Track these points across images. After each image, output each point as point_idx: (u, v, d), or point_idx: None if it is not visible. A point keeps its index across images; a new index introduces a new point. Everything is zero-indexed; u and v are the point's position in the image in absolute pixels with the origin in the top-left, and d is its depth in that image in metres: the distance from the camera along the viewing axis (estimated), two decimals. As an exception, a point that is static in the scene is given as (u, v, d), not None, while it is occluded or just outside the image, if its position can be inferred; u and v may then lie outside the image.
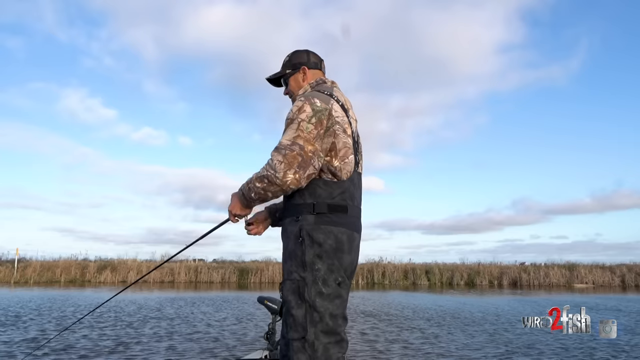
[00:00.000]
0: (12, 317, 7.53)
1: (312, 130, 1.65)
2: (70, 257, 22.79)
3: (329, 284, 1.63)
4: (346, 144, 1.73)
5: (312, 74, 1.96)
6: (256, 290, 18.22)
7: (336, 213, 1.68)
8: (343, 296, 1.67)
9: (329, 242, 1.65)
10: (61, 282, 20.43)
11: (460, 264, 25.73)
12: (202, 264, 24.09)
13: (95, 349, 5.03)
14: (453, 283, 22.67)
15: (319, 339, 1.60)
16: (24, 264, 21.21)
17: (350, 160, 1.74)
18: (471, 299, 13.55)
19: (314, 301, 1.61)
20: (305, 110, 1.67)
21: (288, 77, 1.99)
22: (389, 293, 16.42)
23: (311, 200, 1.69)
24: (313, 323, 1.60)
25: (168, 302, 11.09)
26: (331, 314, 1.62)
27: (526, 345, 5.51)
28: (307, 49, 2.02)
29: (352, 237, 1.71)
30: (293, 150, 1.62)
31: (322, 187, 1.70)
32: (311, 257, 1.64)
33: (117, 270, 21.48)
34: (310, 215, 1.68)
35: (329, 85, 1.90)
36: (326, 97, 1.75)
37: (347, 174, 1.72)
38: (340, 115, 1.74)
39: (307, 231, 1.66)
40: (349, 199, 1.73)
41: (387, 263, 24.56)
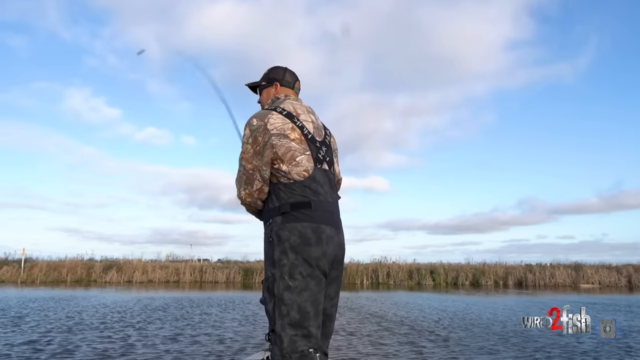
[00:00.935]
0: (16, 318, 7.59)
1: (249, 150, 1.87)
2: (76, 257, 22.96)
3: (295, 277, 1.71)
4: (290, 147, 1.84)
5: (282, 90, 2.12)
6: (261, 290, 18.20)
7: (299, 210, 1.79)
8: (312, 289, 1.73)
9: (293, 238, 1.74)
10: (67, 281, 20.56)
11: (465, 264, 25.65)
12: (207, 264, 24.15)
13: (96, 348, 5.06)
14: (458, 283, 22.59)
15: (284, 331, 1.68)
16: (30, 263, 21.35)
17: (300, 161, 1.84)
18: (478, 299, 13.50)
19: (282, 295, 1.71)
20: (246, 133, 1.90)
21: (262, 89, 2.18)
22: (394, 293, 16.39)
23: (277, 203, 1.84)
24: (280, 316, 1.70)
25: (172, 302, 11.13)
26: (299, 306, 1.69)
27: (542, 348, 5.48)
28: (286, 67, 2.18)
29: (319, 229, 1.78)
30: (239, 171, 1.93)
31: (283, 190, 1.83)
32: (278, 255, 1.76)
33: (122, 270, 21.57)
34: (278, 216, 1.81)
35: (282, 99, 2.05)
36: (264, 113, 1.91)
37: (303, 173, 1.84)
38: (279, 125, 1.87)
39: (275, 231, 1.80)
40: (312, 195, 1.82)
41: (391, 263, 24.51)
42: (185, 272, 22.28)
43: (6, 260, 22.10)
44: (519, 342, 5.85)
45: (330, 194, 1.91)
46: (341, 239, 1.91)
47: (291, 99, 2.06)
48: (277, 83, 2.13)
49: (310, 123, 1.98)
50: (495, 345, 5.65)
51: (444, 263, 25.36)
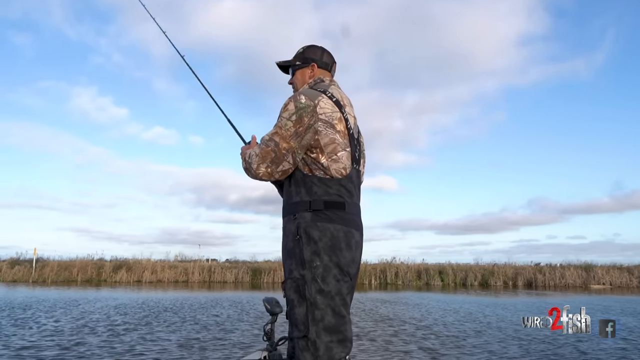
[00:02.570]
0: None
1: (289, 128, 1.69)
2: (87, 257, 23.17)
3: (328, 281, 1.62)
4: (334, 140, 1.71)
5: (319, 72, 1.95)
6: (269, 290, 18.30)
7: (332, 210, 1.68)
8: (343, 293, 1.65)
9: (325, 240, 1.64)
10: (78, 281, 20.75)
11: (474, 264, 25.53)
12: (215, 264, 24.26)
13: (96, 347, 5.12)
14: (467, 284, 22.49)
15: (320, 338, 1.58)
16: (41, 263, 21.59)
17: (340, 157, 1.72)
18: (488, 300, 13.43)
19: (315, 299, 1.60)
20: (289, 108, 1.71)
21: (296, 69, 1.99)
22: (402, 294, 16.36)
23: (308, 197, 1.70)
24: (315, 321, 1.59)
25: (179, 302, 11.20)
26: (333, 311, 1.61)
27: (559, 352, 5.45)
28: (324, 48, 2.00)
29: (350, 234, 1.69)
30: (268, 146, 1.72)
31: (318, 185, 1.70)
32: (309, 255, 1.64)
33: (132, 270, 21.74)
34: (307, 212, 1.68)
35: (326, 83, 1.89)
36: (315, 93, 1.75)
37: (341, 170, 1.71)
38: (329, 111, 1.72)
39: (304, 229, 1.66)
40: (347, 195, 1.71)
41: (400, 263, 24.47)
42: (194, 272, 22.40)
43: (18, 260, 22.36)
44: (544, 348, 5.81)
45: (358, 196, 1.83)
46: (362, 244, 1.82)
47: (336, 86, 1.91)
48: (314, 64, 1.95)
49: (352, 117, 1.86)
50: (510, 348, 5.62)
51: (452, 263, 25.30)
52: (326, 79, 1.93)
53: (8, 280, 20.23)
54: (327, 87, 1.85)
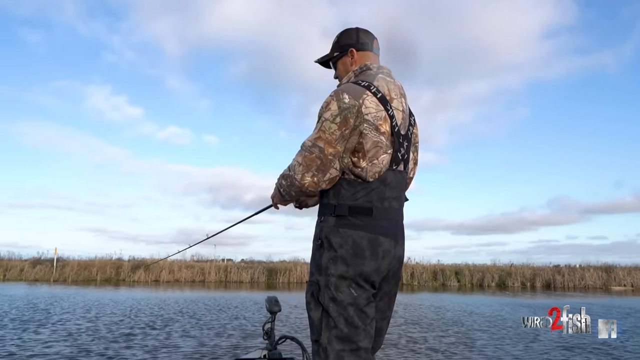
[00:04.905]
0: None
1: (334, 131, 1.56)
2: (105, 256, 23.55)
3: (342, 290, 1.55)
4: (377, 143, 1.60)
5: (360, 56, 1.80)
6: (285, 290, 18.37)
7: (358, 216, 1.59)
8: (360, 304, 1.56)
9: (346, 247, 1.56)
10: (97, 280, 21.10)
11: (491, 265, 25.27)
12: (232, 264, 24.44)
13: (99, 344, 5.21)
14: (484, 284, 22.28)
15: (331, 345, 1.54)
16: (62, 263, 22.01)
17: (380, 161, 1.61)
18: (507, 300, 13.29)
19: (328, 306, 1.56)
20: (331, 109, 1.58)
21: (336, 60, 1.86)
22: (419, 295, 16.29)
23: (334, 201, 1.62)
24: (328, 328, 1.56)
25: (191, 301, 11.32)
26: (346, 320, 1.54)
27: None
28: (358, 27, 1.85)
29: (376, 241, 1.58)
30: (312, 152, 1.58)
31: (346, 188, 1.61)
32: (326, 261, 1.59)
33: (150, 269, 22.01)
34: (331, 217, 1.61)
35: (373, 72, 1.74)
36: (359, 90, 1.61)
37: (375, 174, 1.60)
38: (373, 111, 1.59)
39: (325, 234, 1.61)
40: (377, 200, 1.61)
41: (415, 264, 24.36)
42: (210, 272, 22.60)
43: (39, 259, 22.83)
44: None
45: (398, 200, 1.69)
46: (399, 252, 1.69)
47: (384, 74, 1.74)
48: (352, 49, 1.80)
49: (400, 112, 1.69)
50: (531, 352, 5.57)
51: (469, 264, 25.12)
52: (373, 65, 1.77)
53: (30, 280, 20.66)
54: (373, 78, 1.69)
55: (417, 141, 1.91)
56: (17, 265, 21.74)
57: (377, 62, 1.83)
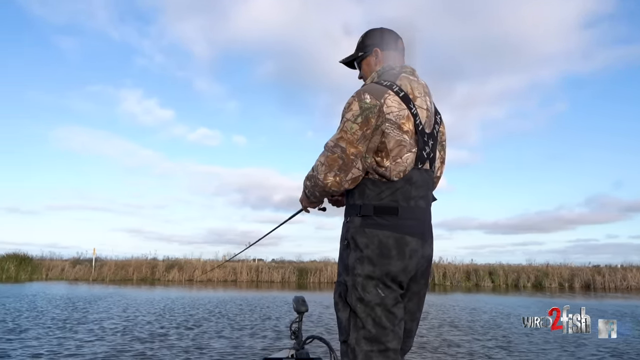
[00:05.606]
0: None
1: (356, 131, 1.57)
2: (141, 256, 24.21)
3: (369, 291, 1.55)
4: (401, 142, 1.60)
5: (385, 56, 1.81)
6: (315, 290, 18.41)
7: (383, 215, 1.59)
8: (387, 304, 1.56)
9: (372, 247, 1.57)
10: (133, 280, 21.70)
11: (526, 265, 24.63)
12: (262, 264, 24.69)
13: (121, 340, 5.32)
14: (519, 285, 21.70)
15: (359, 345, 1.55)
16: (100, 263, 22.76)
17: (404, 160, 1.61)
18: (545, 301, 12.90)
19: (355, 306, 1.56)
20: (352, 109, 1.60)
21: (360, 61, 1.88)
22: (452, 295, 16.02)
23: (359, 201, 1.64)
24: (356, 328, 1.56)
25: (224, 301, 11.47)
26: (373, 321, 1.54)
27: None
28: (382, 27, 1.86)
29: (402, 241, 1.58)
30: (334, 152, 1.61)
31: (370, 188, 1.63)
32: (352, 262, 1.60)
33: (183, 269, 22.49)
34: (357, 217, 1.63)
35: (396, 71, 1.74)
36: (380, 90, 1.61)
37: (400, 173, 1.60)
38: (396, 110, 1.59)
39: (351, 234, 1.63)
40: (402, 199, 1.61)
41: (447, 264, 23.98)
42: (242, 271, 22.88)
43: (79, 259, 23.69)
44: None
45: (424, 199, 1.68)
46: (427, 251, 1.68)
47: (407, 73, 1.74)
48: (376, 49, 1.81)
49: (424, 110, 1.68)
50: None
51: (503, 264, 24.51)
52: (396, 65, 1.77)
53: (70, 279, 21.43)
54: (395, 77, 1.70)
55: (444, 139, 1.88)
56: (58, 265, 22.59)
57: (401, 62, 1.84)
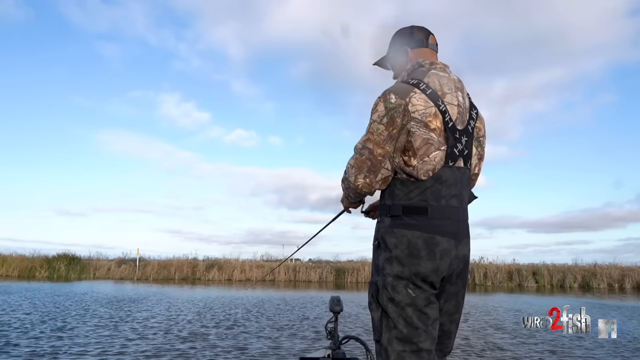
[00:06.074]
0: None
1: (382, 132, 1.58)
2: (182, 256, 24.87)
3: (399, 291, 1.54)
4: (428, 140, 1.57)
5: (415, 54, 1.78)
6: (353, 290, 18.35)
7: (412, 215, 1.58)
8: (419, 304, 1.54)
9: (401, 247, 1.56)
10: (175, 279, 22.33)
11: (572, 264, 23.68)
12: (300, 264, 24.84)
13: (161, 342, 5.43)
14: (565, 286, 20.88)
15: (392, 345, 1.54)
16: (144, 262, 23.54)
17: (432, 158, 1.58)
18: (595, 302, 12.36)
19: (386, 306, 1.57)
20: (378, 110, 1.59)
21: (392, 61, 1.88)
22: (493, 296, 15.59)
23: (389, 201, 1.64)
24: (388, 328, 1.56)
25: (262, 300, 11.59)
26: (405, 321, 1.53)
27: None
28: (412, 25, 1.83)
29: (432, 241, 1.56)
30: (362, 154, 1.62)
31: (399, 188, 1.62)
32: (382, 262, 1.60)
33: (223, 269, 22.95)
34: (387, 217, 1.63)
35: (425, 68, 1.71)
36: (406, 89, 1.60)
37: (428, 172, 1.58)
38: (421, 108, 1.57)
39: (381, 234, 1.63)
40: (432, 199, 1.58)
41: (488, 264, 23.37)
42: (279, 271, 23.11)
43: (124, 259, 24.59)
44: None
45: (458, 197, 1.64)
46: (462, 251, 1.64)
47: (437, 69, 1.71)
48: (406, 48, 1.80)
49: (455, 107, 1.65)
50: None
51: (548, 264, 23.70)
52: (425, 62, 1.74)
53: (116, 278, 22.28)
54: (424, 74, 1.67)
55: (482, 135, 1.84)
56: (104, 265, 23.54)
57: (433, 58, 1.80)
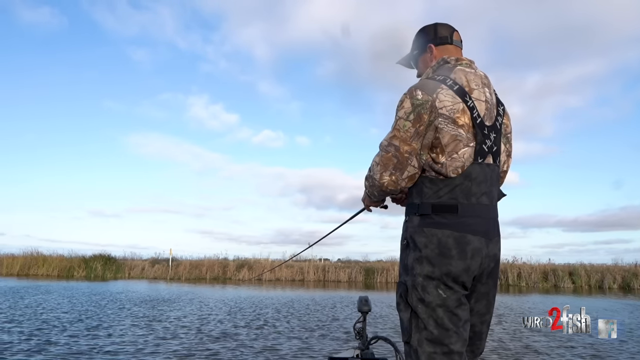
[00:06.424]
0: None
1: (409, 129, 1.56)
2: (213, 256, 25.30)
3: (429, 291, 1.51)
4: (456, 136, 1.54)
5: (440, 51, 1.77)
6: (383, 290, 18.22)
7: (442, 214, 1.55)
8: (449, 305, 1.51)
9: (431, 247, 1.53)
10: (207, 279, 22.70)
11: (612, 265, 22.79)
12: (329, 264, 24.84)
13: (191, 340, 5.48)
14: (604, 286, 20.14)
15: (422, 347, 1.52)
16: (176, 262, 24.04)
17: (461, 155, 1.55)
18: (638, 304, 11.87)
19: (416, 307, 1.54)
20: (404, 106, 1.57)
21: (417, 59, 1.86)
22: (528, 297, 15.18)
23: (417, 200, 1.61)
24: (418, 329, 1.53)
25: (291, 300, 11.63)
26: (435, 322, 1.50)
27: None
28: (436, 23, 1.82)
29: (463, 239, 1.52)
30: (388, 151, 1.60)
31: (428, 186, 1.59)
32: (411, 262, 1.57)
33: (253, 268, 23.18)
34: (416, 216, 1.60)
35: (451, 64, 1.69)
36: (433, 85, 1.58)
37: (457, 170, 1.55)
38: (449, 104, 1.54)
39: (410, 234, 1.60)
40: (462, 197, 1.55)
41: (522, 263, 22.78)
42: (309, 271, 23.19)
43: (157, 259, 25.18)
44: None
45: (488, 195, 1.60)
46: (492, 250, 1.61)
47: (463, 65, 1.68)
48: (430, 45, 1.78)
49: (482, 102, 1.62)
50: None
51: (585, 264, 22.87)
52: (451, 58, 1.72)
53: (150, 278, 22.83)
54: (450, 70, 1.65)
55: (509, 131, 1.81)
56: (138, 265, 24.16)
57: (458, 55, 1.77)
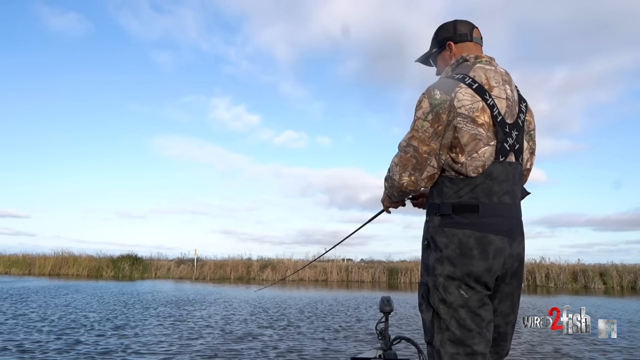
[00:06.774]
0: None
1: (427, 129, 1.54)
2: (237, 256, 25.54)
3: (451, 292, 1.51)
4: (476, 135, 1.52)
5: (459, 48, 1.75)
6: (407, 290, 18.07)
7: (462, 214, 1.53)
8: (472, 306, 1.50)
9: (452, 247, 1.52)
10: (231, 279, 22.94)
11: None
12: (352, 264, 24.78)
13: (213, 341, 5.51)
14: (637, 287, 19.49)
15: (444, 348, 1.51)
16: (201, 263, 24.37)
17: (481, 154, 1.53)
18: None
19: (438, 308, 1.53)
20: (423, 106, 1.56)
21: (435, 57, 1.84)
22: (557, 298, 14.82)
23: (438, 200, 1.60)
24: (440, 330, 1.53)
25: (315, 300, 11.63)
26: (458, 323, 1.49)
27: None
28: (455, 20, 1.80)
29: (485, 239, 1.51)
30: (407, 152, 1.59)
31: (448, 186, 1.58)
32: (432, 262, 1.56)
33: (276, 268, 23.32)
34: (436, 216, 1.59)
35: (470, 62, 1.67)
36: (451, 84, 1.56)
37: (478, 169, 1.53)
38: (468, 103, 1.52)
39: (431, 234, 1.60)
40: (483, 196, 1.53)
41: (550, 264, 22.23)
42: (332, 271, 23.18)
43: (182, 259, 25.57)
44: None
45: (510, 194, 1.58)
46: (516, 250, 1.60)
47: (483, 62, 1.66)
48: (449, 42, 1.76)
49: (503, 100, 1.59)
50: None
51: (617, 264, 22.16)
52: (470, 55, 1.69)
53: (176, 277, 23.21)
54: (469, 68, 1.63)
55: (532, 128, 1.79)
56: (164, 265, 24.59)
57: (478, 52, 1.75)
